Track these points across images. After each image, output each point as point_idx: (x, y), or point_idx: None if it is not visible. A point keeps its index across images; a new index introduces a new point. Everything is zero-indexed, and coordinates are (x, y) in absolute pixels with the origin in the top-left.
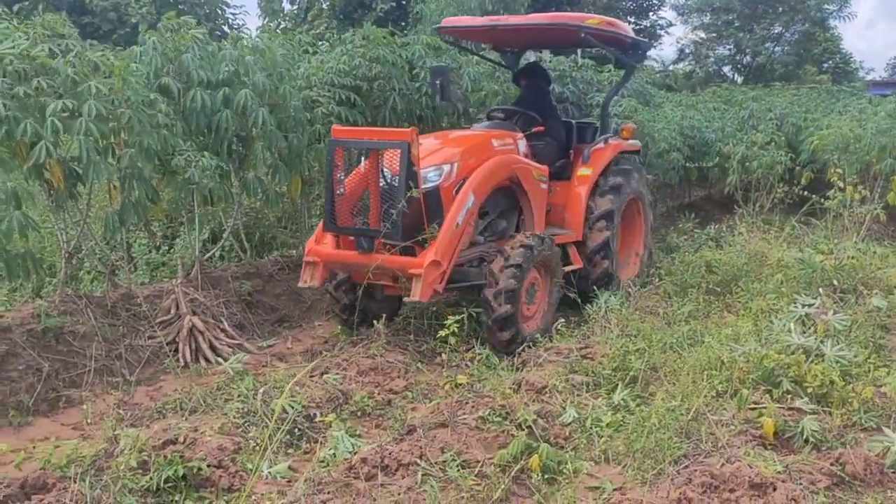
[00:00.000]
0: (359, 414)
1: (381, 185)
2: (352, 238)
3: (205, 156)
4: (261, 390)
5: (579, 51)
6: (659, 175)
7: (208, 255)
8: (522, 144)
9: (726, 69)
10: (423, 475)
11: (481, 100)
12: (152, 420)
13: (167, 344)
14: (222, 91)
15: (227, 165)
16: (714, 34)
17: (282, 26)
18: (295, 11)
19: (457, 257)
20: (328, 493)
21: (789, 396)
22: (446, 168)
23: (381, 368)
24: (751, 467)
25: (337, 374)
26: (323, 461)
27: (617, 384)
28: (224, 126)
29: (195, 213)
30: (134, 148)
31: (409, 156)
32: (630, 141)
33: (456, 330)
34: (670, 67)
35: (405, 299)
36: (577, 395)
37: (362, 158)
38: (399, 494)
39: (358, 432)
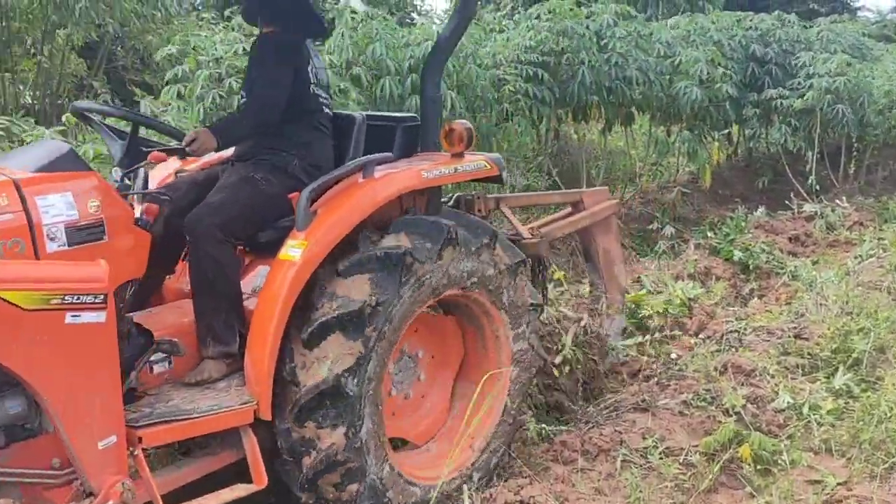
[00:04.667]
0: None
1: None
2: None
3: None
4: None
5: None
6: (879, 135)
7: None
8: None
9: None
10: (622, 461)
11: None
12: None
13: None
14: (410, 77)
15: None
16: None
17: None
18: None
19: None
20: (526, 476)
21: None
22: None
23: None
24: None
25: None
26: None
27: (837, 367)
28: (413, 111)
29: None
30: None
31: None
32: (472, 160)
33: None
34: (888, 17)
35: None
36: (792, 379)
37: None
38: (598, 481)
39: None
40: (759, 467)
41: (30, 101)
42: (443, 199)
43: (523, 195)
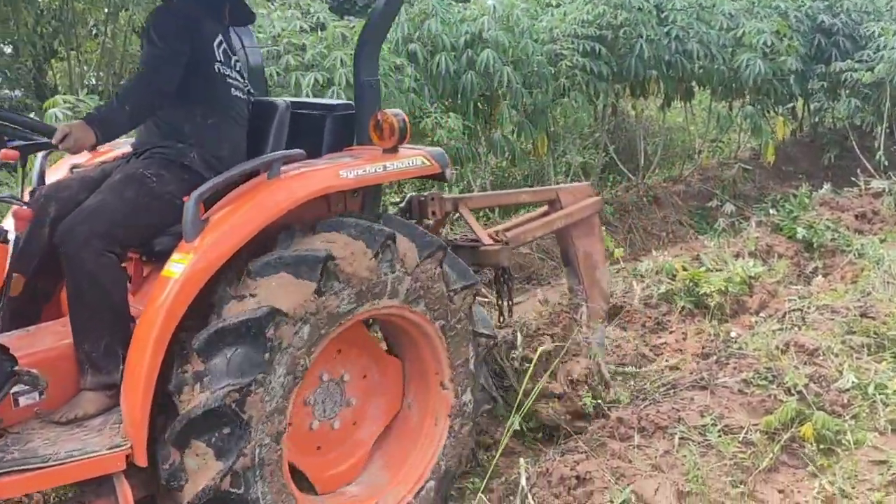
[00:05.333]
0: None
1: None
2: None
3: (451, 117)
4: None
5: None
6: None
7: (458, 214)
8: None
9: None
10: (680, 439)
11: None
12: None
13: None
14: (466, 53)
15: (473, 126)
16: None
17: None
18: None
19: None
20: (582, 452)
21: None
22: None
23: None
24: None
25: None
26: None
27: None
28: (469, 87)
29: None
30: None
31: None
32: (407, 157)
33: None
34: None
35: None
36: (857, 359)
37: None
38: (655, 458)
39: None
40: (821, 447)
41: (94, 82)
42: (396, 202)
43: (486, 195)
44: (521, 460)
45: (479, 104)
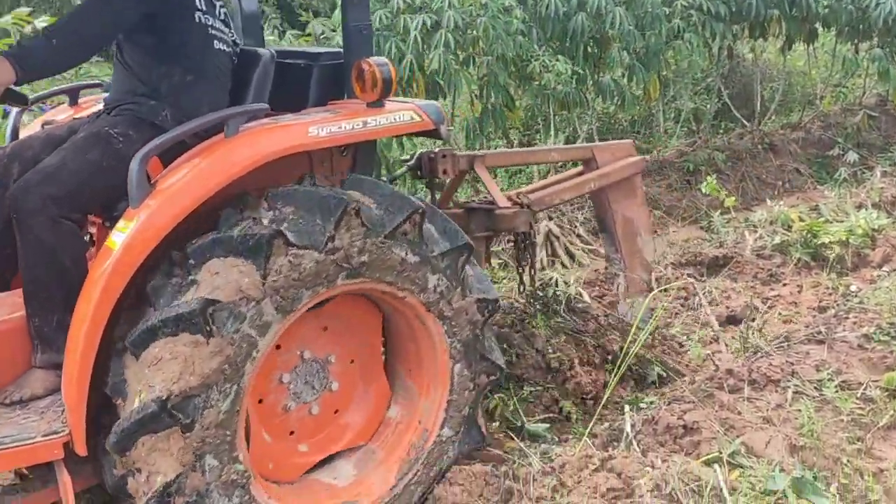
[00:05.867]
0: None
1: None
2: None
3: (559, 60)
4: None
5: None
6: None
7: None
8: None
9: None
10: (794, 393)
11: None
12: None
13: None
14: None
15: (582, 69)
16: None
17: None
18: None
19: None
20: (689, 401)
21: None
22: None
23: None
24: None
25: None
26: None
27: None
28: (579, 29)
29: (550, 120)
30: (491, 56)
31: None
32: (393, 112)
33: None
34: None
35: None
36: None
37: None
38: (767, 411)
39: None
40: None
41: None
42: (405, 159)
43: (507, 152)
44: (626, 407)
45: (588, 47)
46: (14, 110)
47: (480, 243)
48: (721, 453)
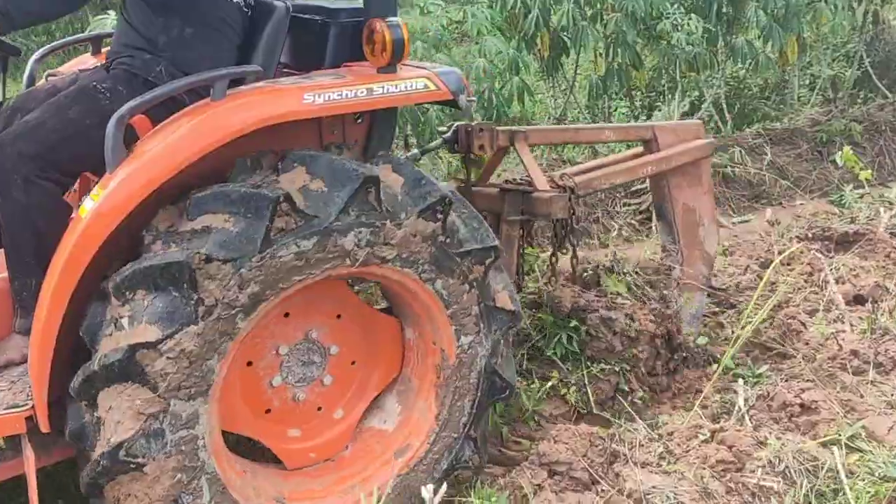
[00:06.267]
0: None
1: None
2: None
3: (692, 18)
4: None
5: None
6: None
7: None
8: None
9: None
10: None
11: None
12: None
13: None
14: None
15: (714, 29)
16: None
17: None
18: None
19: None
20: (808, 380)
21: None
22: None
23: None
24: None
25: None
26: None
27: None
28: None
29: (677, 81)
30: (620, 13)
31: None
32: (405, 78)
33: None
34: None
35: None
36: None
37: None
38: (891, 395)
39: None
40: None
41: None
42: (441, 130)
43: (553, 129)
44: (740, 380)
45: (723, 6)
46: (31, 59)
47: (515, 227)
48: (840, 435)
